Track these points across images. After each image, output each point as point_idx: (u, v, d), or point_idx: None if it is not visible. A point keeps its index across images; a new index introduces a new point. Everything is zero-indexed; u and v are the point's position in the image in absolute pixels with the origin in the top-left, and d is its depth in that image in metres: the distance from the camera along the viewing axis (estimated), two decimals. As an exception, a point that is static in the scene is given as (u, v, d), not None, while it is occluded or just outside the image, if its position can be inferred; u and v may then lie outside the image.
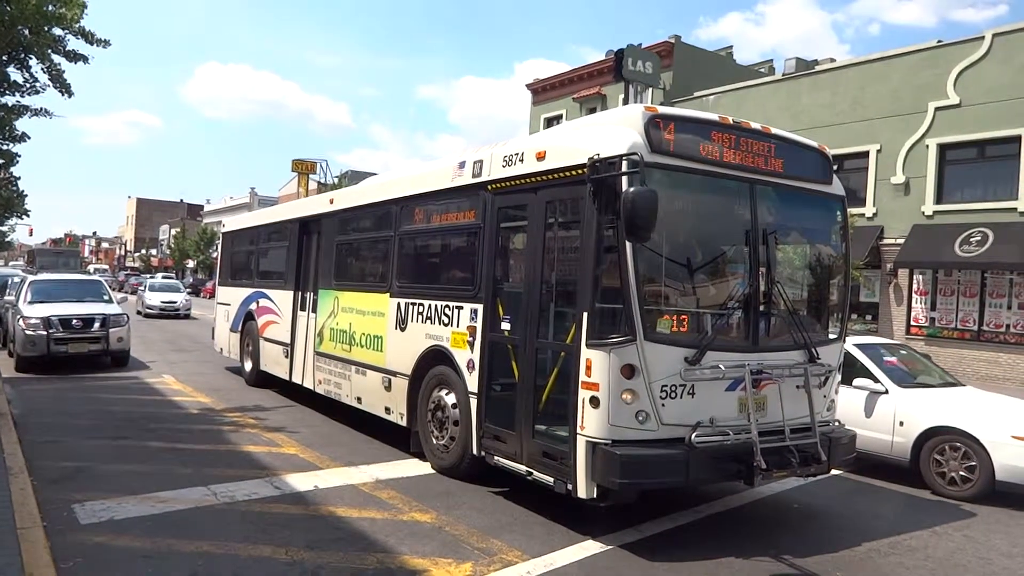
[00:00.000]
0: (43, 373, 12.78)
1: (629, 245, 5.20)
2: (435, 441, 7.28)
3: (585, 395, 5.36)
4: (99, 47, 12.60)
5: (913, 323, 19.45)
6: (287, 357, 10.97)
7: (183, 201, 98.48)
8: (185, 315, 29.22)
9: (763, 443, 5.52)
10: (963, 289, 18.63)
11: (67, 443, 7.90)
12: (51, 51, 12.27)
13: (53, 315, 13.03)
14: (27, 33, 11.71)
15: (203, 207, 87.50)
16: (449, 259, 7.95)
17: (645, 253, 5.34)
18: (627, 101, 24.55)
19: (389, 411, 8.13)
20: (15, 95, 13.25)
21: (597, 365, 5.30)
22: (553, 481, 5.66)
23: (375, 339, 8.44)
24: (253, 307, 12.50)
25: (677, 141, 5.59)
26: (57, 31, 12.08)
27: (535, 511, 6.15)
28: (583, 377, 5.38)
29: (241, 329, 13.02)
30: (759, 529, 6.20)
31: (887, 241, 19.85)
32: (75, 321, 13.24)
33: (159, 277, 41.16)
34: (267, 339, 11.81)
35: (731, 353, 5.69)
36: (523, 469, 6.01)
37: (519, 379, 6.13)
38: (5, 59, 12.27)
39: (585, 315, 5.41)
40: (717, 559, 5.35)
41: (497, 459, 6.35)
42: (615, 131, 5.61)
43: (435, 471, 7.27)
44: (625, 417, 5.27)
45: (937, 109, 19.01)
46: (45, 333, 12.85)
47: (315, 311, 10.16)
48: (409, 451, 7.79)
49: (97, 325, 13.44)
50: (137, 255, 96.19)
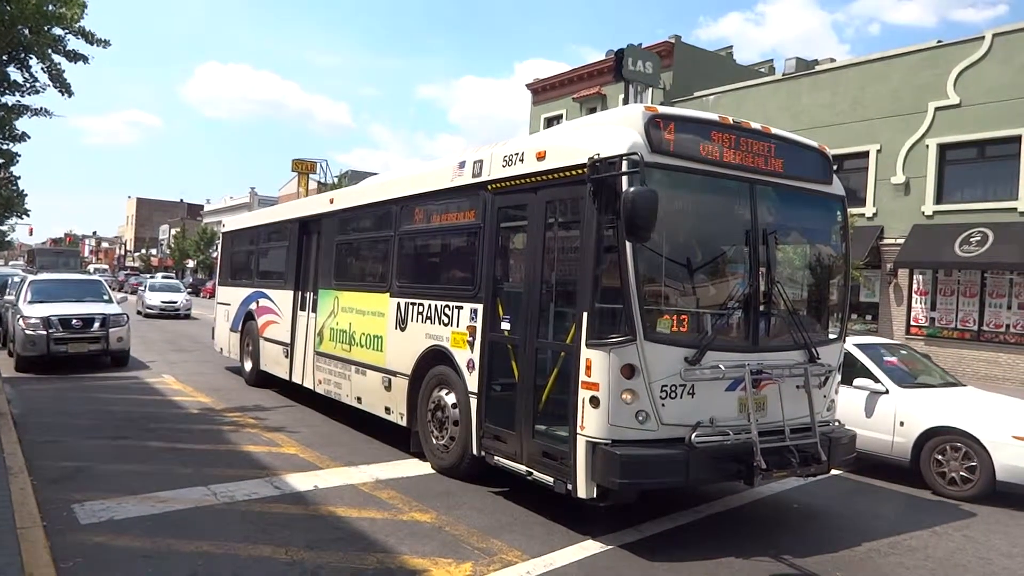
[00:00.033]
0: (43, 373, 12.78)
1: (629, 245, 5.20)
2: (435, 441, 7.28)
3: (585, 395, 5.36)
4: (99, 47, 12.61)
5: (913, 323, 19.45)
6: (287, 357, 10.97)
7: (183, 201, 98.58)
8: (185, 315, 29.20)
9: (763, 443, 5.52)
10: (963, 289, 18.64)
11: (67, 443, 7.90)
12: (51, 51, 12.27)
13: (53, 315, 13.03)
14: (27, 33, 11.72)
15: (203, 207, 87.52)
16: (449, 259, 7.95)
17: (645, 253, 5.34)
18: (627, 101, 24.55)
19: (389, 411, 8.13)
20: (15, 95, 13.26)
21: (597, 365, 5.30)
22: (553, 481, 5.66)
23: (375, 339, 8.44)
24: (253, 307, 12.50)
25: (677, 141, 5.59)
26: (57, 31, 12.09)
27: (535, 511, 6.15)
28: (583, 377, 5.38)
29: (241, 329, 13.02)
30: (759, 529, 6.20)
31: (887, 241, 19.86)
32: (75, 321, 13.24)
33: (159, 277, 41.15)
34: (267, 339, 11.81)
35: (731, 353, 5.69)
36: (523, 469, 6.01)
37: (519, 379, 6.13)
38: (5, 59, 12.27)
39: (585, 315, 5.41)
40: (717, 559, 5.35)
41: (497, 459, 6.35)
42: (615, 131, 5.61)
43: (435, 471, 7.27)
44: (625, 417, 5.27)
45: (937, 109, 19.02)
46: (45, 333, 12.85)
47: (315, 311, 10.16)
48: (409, 451, 7.79)
49: (97, 325, 13.44)
50: (137, 255, 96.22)
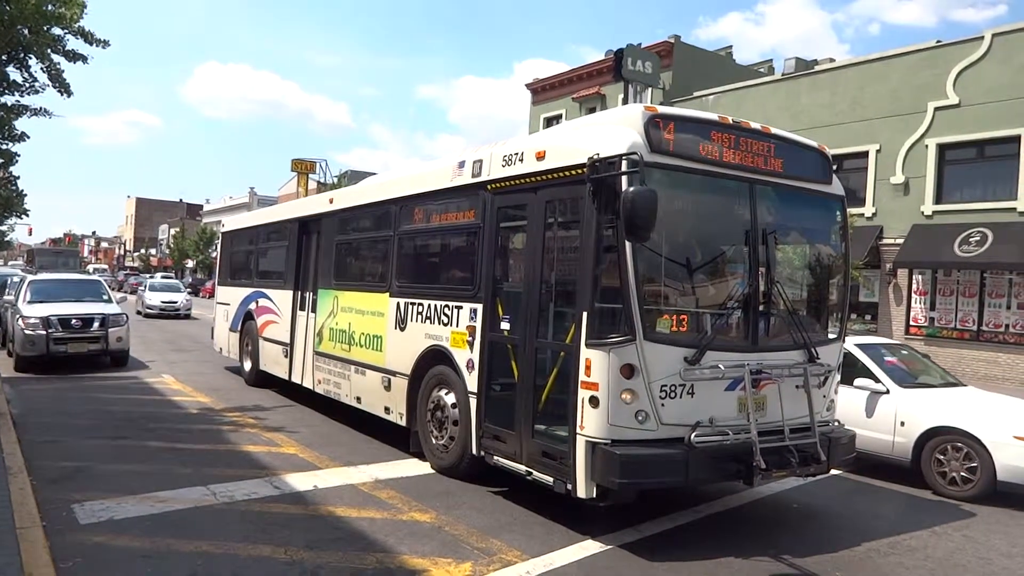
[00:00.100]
0: (42, 373, 12.77)
1: (629, 245, 5.20)
2: (434, 441, 7.28)
3: (585, 395, 5.35)
4: (98, 47, 12.61)
5: (912, 323, 19.46)
6: (286, 357, 10.96)
7: (182, 201, 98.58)
8: (186, 315, 29.17)
9: (762, 443, 5.52)
10: (962, 289, 18.64)
11: (66, 443, 7.89)
12: (50, 51, 12.27)
13: (52, 315, 13.02)
14: (27, 32, 11.71)
15: (202, 207, 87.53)
16: (449, 259, 7.95)
17: (645, 253, 5.34)
18: (627, 101, 24.56)
19: (388, 411, 8.13)
20: (14, 95, 13.26)
21: (597, 365, 5.30)
22: (553, 481, 5.66)
23: (375, 339, 8.43)
24: (252, 307, 12.50)
25: (677, 141, 5.59)
26: (56, 31, 12.08)
27: (535, 511, 6.15)
28: (583, 377, 5.38)
29: (240, 329, 13.02)
30: (758, 529, 6.20)
31: (886, 241, 19.86)
32: (74, 321, 13.23)
33: (159, 277, 41.15)
34: (266, 339, 11.81)
35: (731, 353, 5.69)
36: (523, 469, 6.01)
37: (519, 379, 6.13)
38: (4, 59, 12.26)
39: (585, 315, 5.41)
40: (716, 559, 5.35)
41: (497, 459, 6.35)
42: (615, 131, 5.61)
43: (434, 471, 7.27)
44: (625, 417, 5.27)
45: (937, 109, 19.02)
46: (44, 333, 12.85)
47: (314, 311, 10.16)
48: (408, 451, 7.79)
49: (96, 325, 13.43)
50: (136, 255, 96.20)
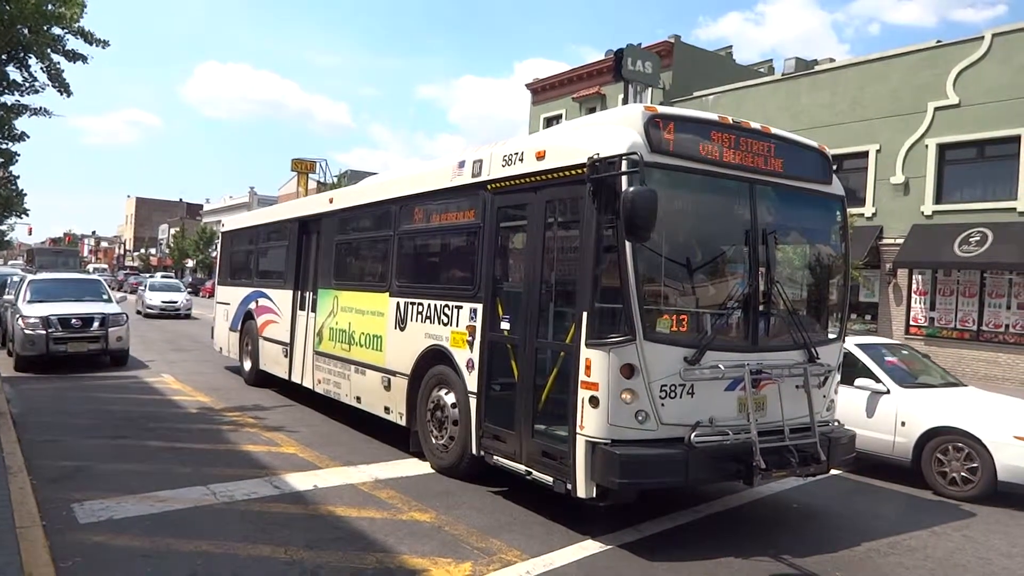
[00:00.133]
0: (42, 372, 12.77)
1: (629, 245, 5.20)
2: (434, 441, 7.27)
3: (584, 395, 5.35)
4: (98, 47, 12.61)
5: (912, 323, 19.46)
6: (286, 356, 10.96)
7: (182, 200, 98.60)
8: (186, 315, 29.14)
9: (762, 443, 5.52)
10: (962, 289, 18.64)
11: (66, 442, 7.89)
12: (50, 50, 12.27)
13: (52, 314, 13.02)
14: (26, 32, 11.71)
15: (202, 206, 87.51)
16: (449, 259, 7.95)
17: (645, 253, 5.34)
18: (627, 101, 24.55)
19: (388, 411, 8.13)
20: (14, 94, 13.26)
21: (596, 365, 5.30)
22: (552, 481, 5.66)
23: (374, 339, 8.43)
24: (252, 306, 12.50)
25: (677, 141, 5.59)
26: (56, 30, 12.08)
27: (534, 511, 6.15)
28: (583, 377, 5.38)
29: (240, 328, 13.02)
30: (758, 529, 6.20)
31: (886, 241, 19.86)
32: (74, 320, 13.23)
33: (159, 276, 41.13)
34: (266, 338, 11.81)
35: (731, 353, 5.69)
36: (522, 469, 6.01)
37: (518, 379, 6.13)
38: (4, 58, 12.26)
39: (585, 315, 5.41)
40: (716, 559, 5.35)
41: (496, 459, 6.35)
42: (615, 131, 5.60)
43: (434, 471, 7.27)
44: (624, 417, 5.27)
45: (936, 109, 19.02)
46: (44, 332, 12.85)
47: (314, 311, 10.16)
48: (408, 451, 7.79)
49: (96, 324, 13.43)
50: (136, 254, 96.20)
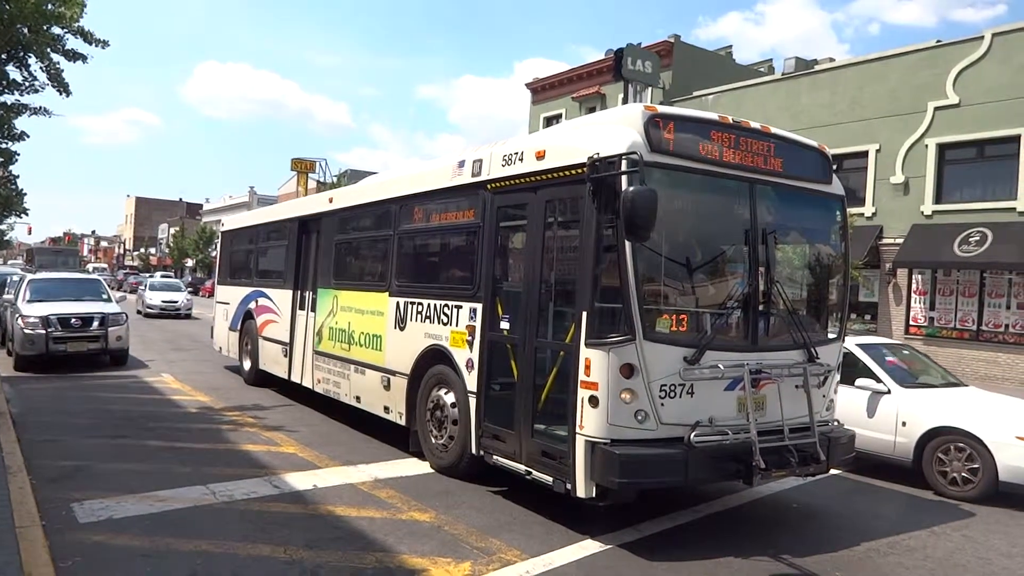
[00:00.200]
0: (42, 372, 12.77)
1: (628, 244, 5.20)
2: (434, 440, 7.27)
3: (584, 394, 5.35)
4: (98, 47, 12.61)
5: (912, 323, 19.46)
6: (286, 356, 10.96)
7: (182, 200, 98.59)
8: (186, 315, 29.10)
9: (762, 443, 5.52)
10: (962, 289, 18.64)
11: (66, 442, 7.89)
12: (50, 50, 12.27)
13: (52, 314, 13.01)
14: (26, 32, 11.71)
15: (202, 206, 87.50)
16: (448, 258, 7.95)
17: (644, 252, 5.34)
18: (626, 100, 24.55)
19: (388, 410, 8.13)
20: (14, 94, 13.26)
21: (596, 364, 5.30)
22: (552, 480, 5.65)
23: (374, 338, 8.43)
24: (252, 306, 12.49)
25: (677, 140, 5.59)
26: (56, 30, 12.08)
27: (534, 510, 6.15)
28: (582, 376, 5.38)
29: (240, 328, 13.02)
30: (758, 529, 6.20)
31: (886, 241, 19.86)
32: (74, 320, 13.22)
33: (158, 276, 41.10)
34: (266, 338, 11.81)
35: (730, 353, 5.69)
36: (522, 468, 6.01)
37: (518, 378, 6.13)
38: (4, 57, 12.26)
39: (584, 314, 5.41)
40: (716, 559, 5.35)
41: (496, 458, 6.35)
42: (615, 130, 5.60)
43: (434, 470, 7.27)
44: (624, 416, 5.27)
45: (936, 109, 19.02)
46: (44, 332, 12.84)
47: (314, 310, 10.15)
48: (408, 450, 7.79)
49: (96, 324, 13.42)
50: (136, 254, 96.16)
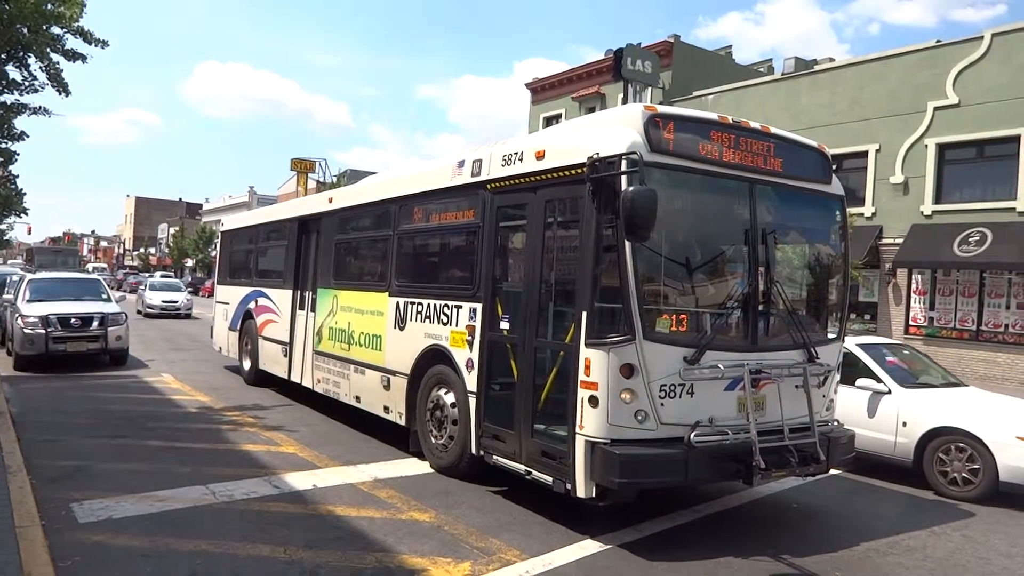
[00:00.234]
0: (41, 372, 12.77)
1: (628, 244, 5.20)
2: (434, 440, 7.27)
3: (584, 394, 5.35)
4: (97, 47, 12.62)
5: (912, 323, 19.45)
6: (286, 356, 10.96)
7: (182, 200, 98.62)
8: (187, 315, 29.08)
9: (762, 443, 5.51)
10: (962, 289, 18.64)
11: (65, 442, 7.89)
12: (50, 50, 12.27)
13: (51, 314, 13.01)
14: (26, 31, 11.72)
15: (202, 206, 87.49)
16: (448, 258, 7.94)
17: (644, 252, 5.34)
18: (626, 100, 24.55)
19: (388, 410, 8.13)
20: (14, 93, 13.27)
21: (596, 364, 5.30)
22: (552, 480, 5.65)
23: (374, 338, 8.43)
24: (252, 306, 12.49)
25: (676, 140, 5.59)
26: (56, 30, 12.09)
27: (534, 510, 6.15)
28: (582, 376, 5.38)
29: (240, 328, 13.01)
30: (758, 529, 6.20)
31: (886, 241, 19.86)
32: (73, 320, 13.22)
33: (158, 276, 41.08)
34: (266, 338, 11.80)
35: (730, 353, 5.69)
36: (522, 468, 6.01)
37: (518, 378, 6.13)
38: (4, 57, 12.27)
39: (584, 314, 5.41)
40: (716, 559, 5.35)
41: (496, 458, 6.35)
42: (614, 130, 5.60)
43: (434, 470, 7.27)
44: (624, 416, 5.27)
45: (936, 109, 19.01)
46: (43, 332, 12.84)
47: (314, 310, 10.15)
48: (408, 450, 7.79)
49: (96, 324, 13.41)
50: (136, 254, 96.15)
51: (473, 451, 6.62)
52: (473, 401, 6.59)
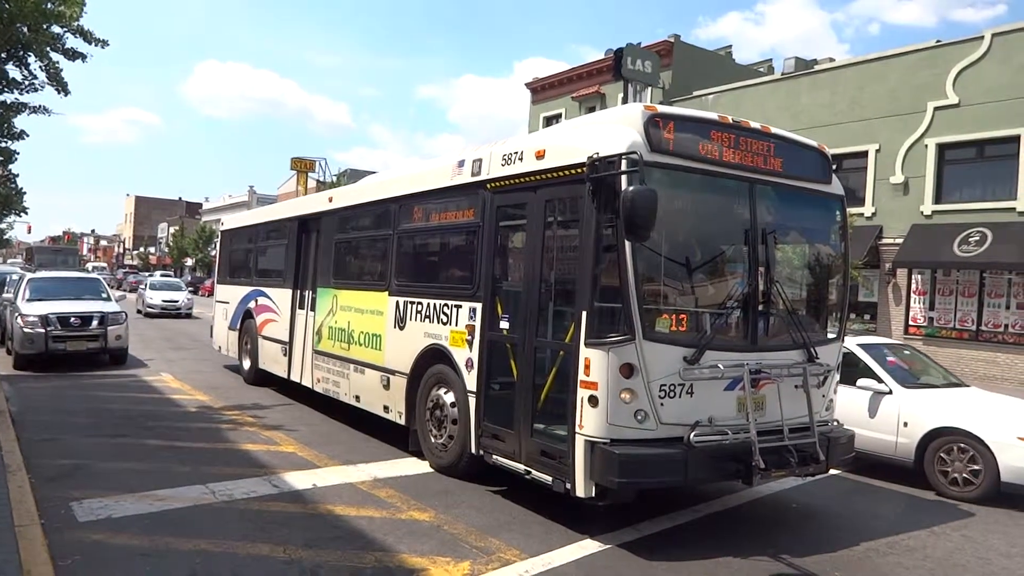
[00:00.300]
0: (41, 371, 12.77)
1: (628, 244, 5.20)
2: (433, 440, 7.27)
3: (584, 394, 5.35)
4: (97, 47, 12.62)
5: (911, 323, 19.46)
6: (286, 355, 10.96)
7: (182, 199, 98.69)
8: (187, 314, 29.05)
9: (762, 443, 5.52)
10: (962, 289, 18.64)
11: (65, 441, 7.89)
12: (50, 49, 12.27)
13: (51, 313, 13.01)
14: (26, 31, 11.71)
15: (202, 205, 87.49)
16: (448, 258, 7.94)
17: (644, 252, 5.34)
18: (626, 100, 24.55)
19: (387, 410, 8.13)
20: (13, 92, 13.26)
21: (596, 364, 5.30)
22: (552, 480, 5.65)
23: (374, 338, 8.43)
24: (252, 305, 12.49)
25: (676, 140, 5.59)
26: (56, 29, 12.09)
27: (533, 510, 6.15)
28: (582, 376, 5.38)
29: (240, 327, 13.01)
30: (757, 529, 6.20)
31: (886, 241, 19.86)
32: (73, 319, 13.22)
33: (158, 275, 41.08)
34: (266, 337, 11.80)
35: (730, 352, 5.69)
36: (521, 468, 6.01)
37: (518, 378, 6.13)
38: (4, 56, 12.26)
39: (584, 314, 5.41)
40: (715, 558, 5.35)
41: (496, 458, 6.35)
42: (614, 130, 5.60)
43: (433, 470, 7.27)
44: (624, 416, 5.27)
45: (936, 109, 19.01)
46: (43, 331, 12.83)
47: (314, 309, 10.15)
48: (407, 450, 7.79)
49: (95, 323, 13.41)
50: (136, 253, 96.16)
51: (473, 450, 6.62)
52: (473, 400, 6.59)
